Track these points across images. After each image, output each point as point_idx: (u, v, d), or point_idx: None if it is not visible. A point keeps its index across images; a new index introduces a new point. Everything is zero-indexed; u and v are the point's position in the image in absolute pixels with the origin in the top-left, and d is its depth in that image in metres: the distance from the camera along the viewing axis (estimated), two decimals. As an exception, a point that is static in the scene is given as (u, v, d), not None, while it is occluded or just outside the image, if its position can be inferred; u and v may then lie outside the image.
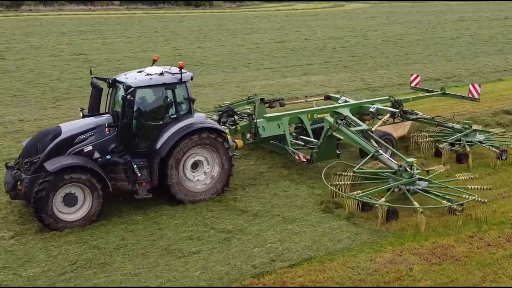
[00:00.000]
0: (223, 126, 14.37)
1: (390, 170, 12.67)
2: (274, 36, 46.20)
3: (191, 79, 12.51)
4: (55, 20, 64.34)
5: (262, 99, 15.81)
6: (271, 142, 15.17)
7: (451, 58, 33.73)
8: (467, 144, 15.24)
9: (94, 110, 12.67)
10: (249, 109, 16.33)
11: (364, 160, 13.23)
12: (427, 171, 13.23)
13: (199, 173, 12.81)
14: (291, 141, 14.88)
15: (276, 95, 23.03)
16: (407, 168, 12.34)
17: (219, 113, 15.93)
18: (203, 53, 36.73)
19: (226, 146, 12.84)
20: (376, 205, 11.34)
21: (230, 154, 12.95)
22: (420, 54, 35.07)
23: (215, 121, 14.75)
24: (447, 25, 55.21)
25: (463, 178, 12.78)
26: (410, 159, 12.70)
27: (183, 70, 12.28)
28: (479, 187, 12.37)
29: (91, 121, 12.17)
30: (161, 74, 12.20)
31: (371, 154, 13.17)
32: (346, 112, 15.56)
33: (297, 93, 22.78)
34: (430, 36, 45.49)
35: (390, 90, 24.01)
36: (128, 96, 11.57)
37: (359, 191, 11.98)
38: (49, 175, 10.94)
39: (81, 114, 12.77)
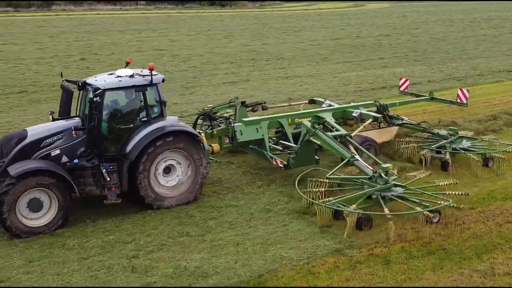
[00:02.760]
0: (198, 130, 14.09)
1: (365, 176, 12.31)
2: (324, 34, 49.30)
3: (163, 81, 12.22)
4: (95, 19, 67.09)
5: (243, 103, 15.64)
6: (250, 146, 14.80)
7: (508, 53, 36.98)
8: (449, 152, 14.86)
9: (64, 114, 12.38)
10: (229, 112, 16.14)
11: (338, 166, 12.87)
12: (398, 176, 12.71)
13: (171, 177, 12.47)
14: (270, 146, 14.59)
15: (374, 86, 26.30)
16: (382, 174, 11.95)
17: (200, 116, 15.80)
18: (273, 49, 39.84)
19: (200, 150, 12.54)
20: (345, 212, 10.89)
21: (204, 159, 12.61)
22: (476, 50, 37.99)
23: (193, 124, 14.71)
24: (480, 23, 58.58)
25: (443, 183, 12.30)
26: (386, 165, 12.31)
27: (153, 72, 11.98)
28: (456, 192, 11.78)
29: (59, 124, 11.87)
30: (131, 76, 11.94)
31: (346, 159, 12.82)
32: (328, 116, 15.18)
33: (394, 83, 26.20)
34: (472, 33, 48.78)
35: (478, 79, 27.18)
36: (96, 99, 11.29)
37: (332, 198, 11.50)
38: (12, 180, 10.59)
39: (51, 118, 12.44)
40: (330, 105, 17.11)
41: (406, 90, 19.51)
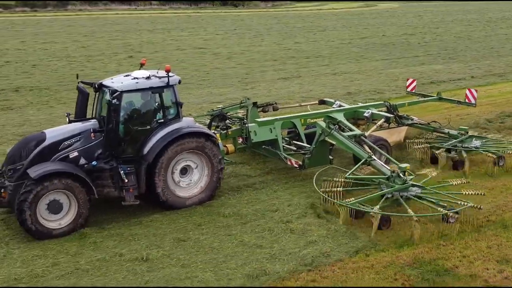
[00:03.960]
0: (213, 131, 14.13)
1: (383, 176, 12.38)
2: (349, 33, 51.02)
3: (179, 82, 12.35)
4: (118, 19, 68.50)
5: (255, 103, 15.70)
6: (263, 147, 14.99)
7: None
8: (464, 150, 14.94)
9: (80, 115, 12.44)
10: (241, 113, 16.20)
11: (356, 166, 13.04)
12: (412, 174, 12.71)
13: (188, 178, 12.56)
14: (283, 146, 14.72)
15: (422, 81, 27.84)
16: (400, 174, 12.08)
17: (212, 117, 15.76)
18: (307, 47, 41.43)
19: (216, 151, 12.60)
20: (371, 213, 11.05)
21: (220, 159, 12.70)
22: (503, 48, 39.80)
23: (207, 125, 14.87)
24: (497, 23, 60.40)
25: (456, 183, 12.48)
26: (403, 165, 12.46)
27: (170, 74, 12.04)
28: (473, 192, 11.96)
29: (77, 126, 11.89)
30: (148, 78, 11.97)
31: (364, 159, 12.98)
32: (340, 117, 15.24)
33: (443, 77, 27.95)
34: (493, 33, 50.55)
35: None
36: (114, 101, 11.34)
37: (353, 198, 11.71)
38: (32, 182, 10.68)
39: (67, 120, 12.51)
40: (340, 106, 17.24)
41: (413, 91, 19.48)
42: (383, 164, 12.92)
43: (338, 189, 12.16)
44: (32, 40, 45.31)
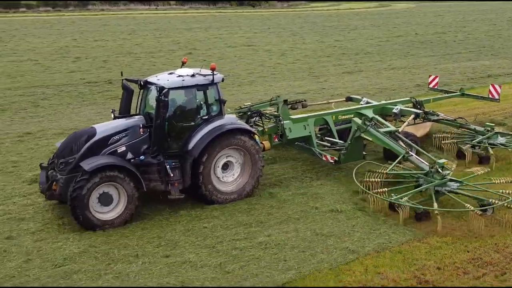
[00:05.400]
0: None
1: (422, 171, 12.65)
2: (382, 32, 53.17)
3: (222, 80, 12.62)
4: (146, 19, 70.56)
5: (285, 101, 15.96)
6: (296, 143, 15.29)
7: None
8: (490, 147, 15.22)
9: (125, 112, 12.72)
10: (271, 110, 16.32)
11: (396, 162, 13.23)
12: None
13: (229, 173, 12.86)
14: (317, 143, 15.04)
15: (480, 75, 30.05)
16: (439, 169, 12.33)
17: (247, 113, 15.65)
18: (350, 45, 43.47)
19: (256, 147, 12.89)
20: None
21: (260, 155, 13.01)
22: (538, 46, 42.57)
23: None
24: (518, 22, 63.04)
25: (499, 181, 12.67)
26: (441, 160, 12.68)
27: (214, 72, 12.38)
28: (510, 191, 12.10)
29: (124, 122, 12.24)
30: (193, 75, 12.29)
31: (401, 155, 13.19)
32: (370, 113, 15.57)
33: (496, 72, 30.15)
34: (520, 31, 53.13)
35: None
36: (163, 97, 11.61)
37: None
38: (85, 174, 10.97)
39: (112, 116, 12.84)
40: (368, 102, 17.51)
41: (436, 87, 19.74)
42: (421, 160, 13.16)
43: (383, 189, 12.38)
44: (82, 38, 47.28)
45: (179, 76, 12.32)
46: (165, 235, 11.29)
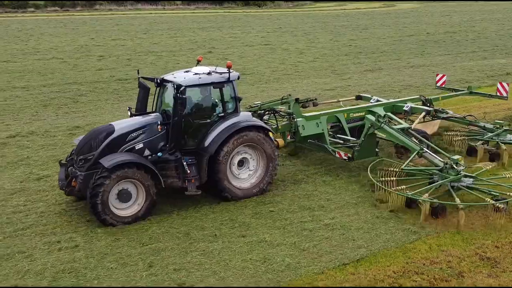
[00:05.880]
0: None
1: (436, 168, 12.84)
2: (393, 31, 54.02)
3: (238, 78, 12.74)
4: (157, 18, 71.34)
5: (297, 99, 15.99)
6: (308, 141, 15.43)
7: None
8: (501, 143, 15.35)
9: (141, 109, 12.88)
10: (283, 109, 16.28)
11: (410, 158, 13.41)
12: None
13: (245, 170, 13.00)
14: (329, 140, 15.24)
15: (499, 73, 30.80)
16: (454, 165, 12.54)
17: (259, 112, 15.88)
18: (365, 44, 44.26)
19: (272, 144, 13.05)
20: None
21: (275, 152, 13.18)
22: (552, 44, 43.43)
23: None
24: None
25: (510, 175, 12.88)
26: (456, 157, 12.90)
27: (230, 70, 12.53)
28: None
29: (142, 119, 12.36)
30: (209, 73, 12.41)
31: (416, 151, 13.36)
32: (381, 111, 15.70)
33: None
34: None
35: None
36: (181, 95, 11.69)
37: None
38: (105, 171, 11.09)
39: (129, 113, 13.02)
40: (378, 101, 17.71)
41: (443, 85, 19.94)
42: (435, 156, 13.32)
43: (392, 178, 12.71)
44: (99, 37, 48.05)
45: (196, 74, 12.44)
46: (236, 218, 12.06)
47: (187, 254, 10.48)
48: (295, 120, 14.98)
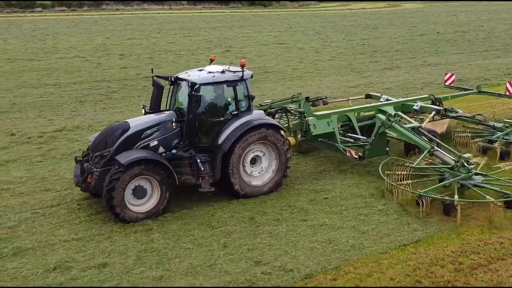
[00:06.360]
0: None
1: (447, 165, 13.01)
2: (403, 31, 54.78)
3: (251, 77, 12.92)
4: (167, 18, 72.02)
5: (307, 98, 16.06)
6: (319, 140, 15.50)
7: None
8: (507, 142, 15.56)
9: (155, 107, 13.03)
10: (292, 107, 16.31)
11: (422, 156, 13.49)
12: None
13: (257, 168, 13.16)
14: (340, 139, 15.34)
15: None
16: (465, 163, 12.70)
17: (269, 110, 15.78)
18: (377, 43, 45.06)
19: (284, 142, 13.20)
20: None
21: (288, 150, 13.33)
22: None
23: None
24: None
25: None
26: (466, 155, 13.10)
27: (244, 68, 12.70)
28: None
29: (156, 117, 12.51)
30: (223, 72, 12.60)
31: (427, 150, 13.46)
32: (391, 110, 15.75)
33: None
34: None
35: None
36: (196, 93, 11.83)
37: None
38: (121, 168, 11.23)
39: (143, 111, 13.13)
40: (387, 100, 17.83)
41: (452, 85, 20.12)
42: (446, 154, 13.46)
43: (403, 174, 12.99)
44: (114, 37, 48.75)
45: (209, 72, 12.64)
46: (294, 204, 12.78)
47: (256, 236, 11.19)
48: (306, 119, 15.11)
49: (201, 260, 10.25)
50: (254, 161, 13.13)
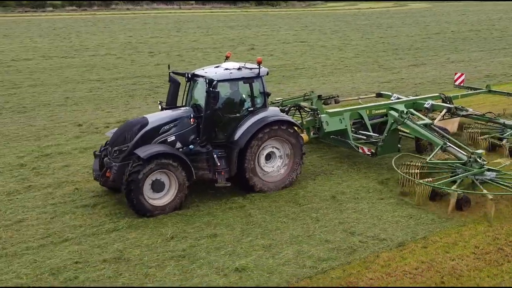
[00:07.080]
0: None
1: (460, 161, 13.25)
2: (418, 29, 55.91)
3: (267, 74, 13.14)
4: (180, 17, 73.06)
5: (319, 96, 16.34)
6: (331, 137, 15.79)
7: None
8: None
9: (172, 104, 13.21)
10: (307, 105, 16.50)
11: (434, 152, 13.77)
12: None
13: (272, 163, 13.39)
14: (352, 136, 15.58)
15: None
16: (477, 159, 12.96)
17: (281, 108, 15.93)
18: (396, 41, 46.14)
19: (298, 138, 13.43)
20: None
21: (302, 146, 13.54)
22: None
23: None
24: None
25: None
26: (479, 151, 13.35)
27: (260, 65, 12.90)
28: None
29: (174, 113, 12.70)
30: (239, 69, 12.84)
31: (440, 146, 13.75)
32: (402, 108, 15.94)
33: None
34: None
35: None
36: (213, 89, 12.04)
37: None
38: (140, 161, 11.42)
39: (160, 107, 13.31)
40: (398, 98, 18.14)
41: (462, 84, 20.33)
42: (459, 150, 13.69)
43: (416, 171, 13.25)
44: (136, 35, 49.74)
45: (226, 69, 12.88)
46: (368, 185, 13.90)
47: (342, 212, 12.28)
48: (319, 116, 15.41)
49: (300, 232, 11.32)
50: (269, 156, 13.40)
